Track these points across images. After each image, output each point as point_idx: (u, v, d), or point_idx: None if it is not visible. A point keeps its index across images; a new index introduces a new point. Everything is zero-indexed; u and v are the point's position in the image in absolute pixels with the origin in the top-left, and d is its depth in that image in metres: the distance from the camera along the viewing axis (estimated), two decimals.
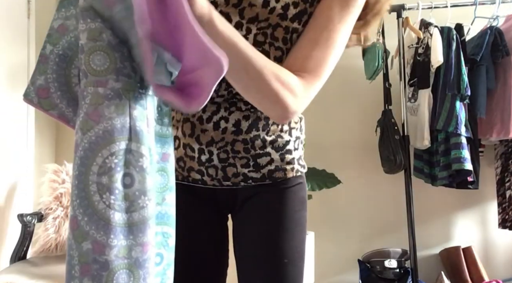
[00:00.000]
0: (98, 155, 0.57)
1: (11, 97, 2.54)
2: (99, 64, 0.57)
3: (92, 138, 0.57)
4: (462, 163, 2.12)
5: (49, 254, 2.15)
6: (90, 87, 0.58)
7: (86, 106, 0.58)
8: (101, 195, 0.57)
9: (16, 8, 2.60)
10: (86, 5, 0.58)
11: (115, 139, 0.57)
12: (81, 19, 0.58)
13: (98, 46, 0.57)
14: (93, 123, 0.57)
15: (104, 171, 0.57)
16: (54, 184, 2.22)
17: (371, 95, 2.62)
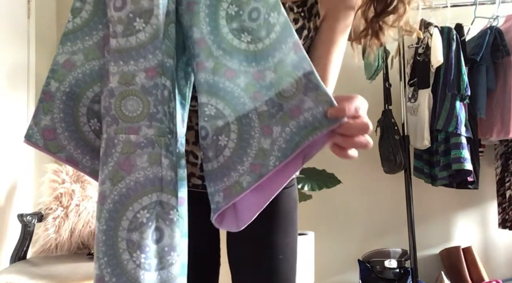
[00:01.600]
0: (129, 209, 0.53)
1: (11, 97, 2.54)
2: (131, 110, 0.54)
3: (123, 190, 0.53)
4: (462, 163, 2.12)
5: (49, 254, 2.15)
6: (121, 134, 0.54)
7: (117, 155, 0.54)
8: (131, 253, 0.53)
9: (16, 8, 2.60)
10: (120, 47, 0.54)
11: (147, 191, 0.54)
12: (112, 62, 0.55)
13: (130, 91, 0.54)
14: (124, 173, 0.53)
15: (135, 226, 0.53)
16: (54, 184, 2.22)
17: (371, 95, 2.61)
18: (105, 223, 0.54)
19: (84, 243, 2.19)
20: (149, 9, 0.54)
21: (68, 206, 2.18)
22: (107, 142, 0.56)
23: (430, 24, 2.28)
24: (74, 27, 0.64)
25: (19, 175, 2.58)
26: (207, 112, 0.56)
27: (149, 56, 0.54)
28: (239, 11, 0.57)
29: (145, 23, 0.54)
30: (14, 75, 2.58)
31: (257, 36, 0.56)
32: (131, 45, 0.54)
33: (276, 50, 0.55)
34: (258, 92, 0.55)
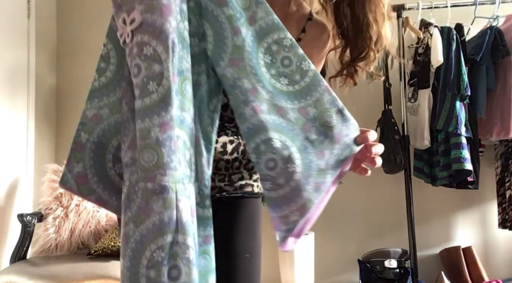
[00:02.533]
0: (147, 249, 0.60)
1: (11, 98, 2.54)
2: (147, 161, 0.62)
3: (144, 232, 0.61)
4: (462, 163, 2.12)
5: (49, 254, 2.15)
6: (141, 182, 0.62)
7: (139, 201, 0.62)
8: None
9: (16, 8, 2.60)
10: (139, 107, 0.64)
11: (162, 233, 0.60)
12: (138, 119, 0.64)
13: (146, 144, 0.62)
14: (144, 217, 0.61)
15: (152, 264, 0.60)
16: (54, 184, 2.22)
17: (371, 95, 2.61)
18: (129, 261, 0.61)
19: (84, 243, 2.19)
20: (160, 73, 0.63)
21: (68, 206, 2.18)
22: (129, 188, 0.64)
23: (430, 24, 2.28)
24: (100, 85, 0.73)
25: (19, 175, 2.58)
26: (274, 146, 0.67)
27: (162, 112, 0.62)
28: (272, 60, 0.71)
29: (157, 85, 0.63)
30: (14, 75, 2.58)
31: (292, 79, 0.71)
32: (146, 105, 0.63)
33: (313, 91, 0.71)
34: (306, 124, 0.70)
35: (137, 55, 0.64)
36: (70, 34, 3.00)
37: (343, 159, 0.71)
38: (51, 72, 2.96)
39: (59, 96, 2.99)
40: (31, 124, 2.67)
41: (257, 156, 0.68)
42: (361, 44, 0.93)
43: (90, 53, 2.95)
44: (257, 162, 0.68)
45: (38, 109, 2.75)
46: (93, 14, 2.98)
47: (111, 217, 2.23)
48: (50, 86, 2.94)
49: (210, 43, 0.69)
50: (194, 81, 0.68)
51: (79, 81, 2.97)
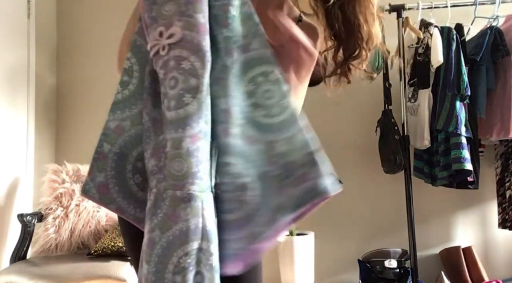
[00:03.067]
0: (174, 255, 0.63)
1: (11, 98, 2.54)
2: (177, 170, 0.65)
3: (170, 238, 0.63)
4: (462, 163, 2.12)
5: (49, 254, 2.15)
6: (169, 190, 0.65)
7: (166, 208, 0.65)
8: None
9: (16, 8, 2.60)
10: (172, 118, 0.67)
11: (189, 240, 0.63)
12: (167, 131, 0.67)
13: (177, 154, 0.65)
14: (171, 223, 0.64)
15: (179, 270, 0.63)
16: (54, 184, 2.22)
17: (371, 95, 2.61)
18: (155, 266, 0.64)
19: (84, 243, 2.19)
20: (196, 87, 0.67)
21: (68, 206, 2.18)
22: (157, 195, 0.67)
23: (430, 24, 2.28)
24: (123, 98, 0.77)
25: (19, 175, 2.58)
26: (231, 171, 0.68)
27: (194, 124, 0.66)
28: (255, 89, 0.72)
29: (192, 98, 0.67)
30: (14, 75, 2.58)
31: (270, 112, 0.71)
32: (180, 116, 0.66)
33: (287, 128, 0.71)
34: (272, 159, 0.70)
35: (174, 68, 0.67)
36: (70, 34, 3.00)
37: (305, 202, 0.70)
38: (51, 72, 2.96)
39: (59, 96, 2.99)
40: (31, 124, 2.67)
41: (218, 177, 0.69)
42: (353, 44, 0.96)
43: (90, 53, 2.96)
44: (218, 182, 0.70)
45: (38, 109, 2.75)
46: (93, 14, 2.98)
47: (111, 217, 2.23)
48: (50, 86, 2.94)
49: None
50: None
51: (79, 81, 2.97)
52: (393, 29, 2.37)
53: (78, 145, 2.91)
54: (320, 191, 0.70)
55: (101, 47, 2.93)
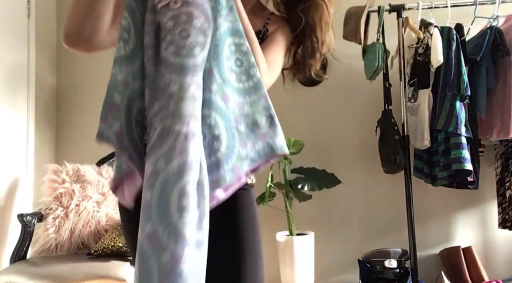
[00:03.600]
0: (179, 181, 0.71)
1: (11, 98, 2.54)
2: (185, 109, 0.73)
3: (175, 167, 0.71)
4: (462, 163, 2.12)
5: (49, 254, 2.15)
6: (176, 125, 0.73)
7: (171, 141, 0.72)
8: (181, 214, 0.70)
9: (16, 8, 2.60)
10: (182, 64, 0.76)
11: (192, 169, 0.72)
12: (175, 74, 0.75)
13: (185, 96, 0.74)
14: (176, 154, 0.71)
15: (183, 195, 0.70)
16: (54, 184, 2.22)
17: (371, 95, 2.62)
18: (159, 192, 0.70)
19: (84, 243, 2.18)
20: (203, 43, 0.78)
21: (68, 206, 2.18)
22: (162, 131, 0.74)
23: (430, 24, 2.28)
24: (125, 54, 0.83)
25: (19, 175, 2.58)
26: (208, 122, 0.79)
27: (200, 73, 0.77)
28: (230, 55, 0.84)
29: (200, 51, 0.77)
30: (14, 75, 2.58)
31: (239, 78, 0.84)
32: (189, 64, 0.76)
33: (252, 93, 0.84)
34: (239, 117, 0.83)
35: (187, 22, 0.78)
36: None
37: (262, 156, 0.84)
38: (51, 72, 2.96)
39: (59, 96, 2.99)
40: (31, 124, 2.67)
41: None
42: (311, 45, 1.12)
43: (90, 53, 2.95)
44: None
45: (38, 109, 2.75)
46: None
47: (111, 217, 2.23)
48: (50, 86, 2.94)
49: None
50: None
51: (79, 81, 2.97)
52: (393, 29, 2.37)
53: (78, 145, 2.91)
54: (276, 149, 0.85)
55: None
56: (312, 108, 2.74)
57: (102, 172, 2.32)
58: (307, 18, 1.10)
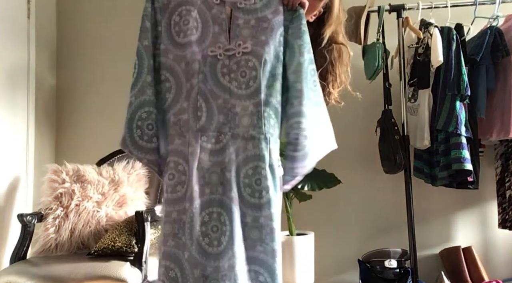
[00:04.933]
0: (246, 167, 1.12)
1: (11, 98, 2.54)
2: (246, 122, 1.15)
3: (241, 159, 1.13)
4: (462, 163, 2.12)
5: (49, 254, 2.14)
6: (240, 132, 1.14)
7: (237, 143, 1.14)
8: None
9: (16, 8, 2.60)
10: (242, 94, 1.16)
11: (254, 160, 1.13)
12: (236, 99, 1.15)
13: (246, 113, 1.15)
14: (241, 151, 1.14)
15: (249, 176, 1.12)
16: (54, 184, 2.22)
17: (371, 95, 2.61)
18: (235, 173, 1.12)
19: (84, 243, 2.18)
20: (255, 76, 1.14)
21: (68, 206, 2.18)
22: (230, 137, 1.13)
23: (430, 24, 2.28)
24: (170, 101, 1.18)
25: (19, 175, 2.58)
26: (301, 126, 1.16)
27: (256, 98, 1.13)
28: (310, 78, 1.21)
29: (253, 82, 1.13)
30: (14, 75, 2.58)
31: (316, 95, 1.23)
32: (247, 93, 1.13)
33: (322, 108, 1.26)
34: (317, 122, 1.23)
35: (244, 66, 1.13)
36: (70, 34, 3.00)
37: (323, 151, 1.25)
38: (51, 72, 2.96)
39: (59, 96, 2.99)
40: (31, 124, 2.67)
41: (290, 129, 1.17)
42: (332, 79, 1.45)
43: (90, 53, 2.96)
44: (288, 132, 1.17)
45: (38, 109, 2.75)
46: (93, 14, 2.98)
47: (111, 217, 2.23)
48: (50, 86, 2.94)
49: (285, 58, 1.19)
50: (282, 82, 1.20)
51: (79, 81, 2.97)
52: (393, 29, 2.37)
53: (78, 145, 2.91)
54: (332, 146, 1.25)
55: (101, 47, 2.93)
56: None
57: (102, 172, 2.32)
58: (330, 57, 1.39)
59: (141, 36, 1.15)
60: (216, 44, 1.12)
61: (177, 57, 1.15)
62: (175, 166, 1.13)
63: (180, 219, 1.09)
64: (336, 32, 1.37)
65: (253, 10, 1.15)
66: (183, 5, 1.15)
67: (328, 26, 1.34)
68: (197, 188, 1.08)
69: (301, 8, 1.19)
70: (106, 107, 2.88)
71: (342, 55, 1.40)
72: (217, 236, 1.06)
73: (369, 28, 2.40)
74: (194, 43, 1.13)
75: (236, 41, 1.12)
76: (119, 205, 2.26)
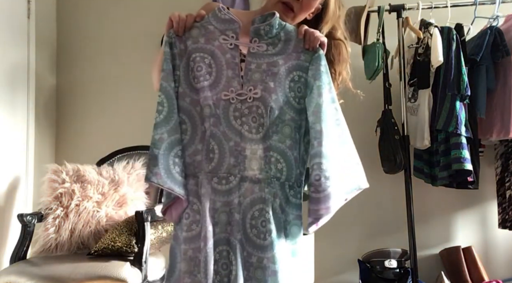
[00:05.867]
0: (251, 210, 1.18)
1: (11, 97, 2.54)
2: (253, 165, 1.17)
3: (248, 201, 1.17)
4: (462, 163, 2.12)
5: (49, 254, 2.15)
6: (248, 175, 1.17)
7: (245, 185, 1.18)
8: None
9: (16, 8, 2.60)
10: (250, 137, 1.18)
11: (258, 203, 1.18)
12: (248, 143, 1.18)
13: (254, 157, 1.18)
14: (249, 194, 1.18)
15: (255, 218, 1.17)
16: (54, 184, 2.22)
17: (371, 95, 2.61)
18: (242, 215, 1.16)
19: (84, 243, 2.18)
20: (262, 123, 1.17)
21: (68, 206, 2.18)
22: (239, 179, 1.16)
23: (430, 24, 2.28)
24: (160, 120, 1.13)
25: (19, 175, 2.58)
26: (322, 167, 1.12)
27: (263, 143, 1.17)
28: (334, 116, 1.23)
29: (262, 129, 1.16)
30: (14, 75, 2.58)
31: (339, 135, 1.26)
32: (257, 138, 1.16)
33: (347, 144, 1.27)
34: (344, 164, 1.21)
35: (254, 112, 1.15)
36: (70, 34, 3.00)
37: (351, 192, 1.27)
38: (51, 72, 2.96)
39: (59, 96, 2.99)
40: (31, 124, 2.67)
41: (312, 170, 1.14)
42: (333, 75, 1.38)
43: (90, 53, 2.96)
44: (310, 173, 1.15)
45: (38, 109, 2.75)
46: (93, 14, 2.98)
47: (111, 217, 2.23)
48: (50, 86, 2.94)
49: (305, 100, 1.19)
50: (299, 125, 1.20)
51: (79, 81, 2.97)
52: (393, 29, 2.37)
53: (78, 145, 2.92)
54: (361, 186, 1.26)
55: (101, 47, 2.93)
56: None
57: (102, 172, 2.32)
58: (329, 54, 1.33)
59: (167, 77, 1.15)
60: (229, 88, 1.15)
61: (193, 101, 1.17)
62: (190, 205, 1.16)
63: (196, 257, 1.14)
64: (334, 28, 1.35)
65: (265, 55, 1.18)
66: (197, 52, 1.17)
67: (324, 23, 1.33)
68: (210, 228, 1.12)
69: (321, 49, 1.21)
70: (106, 107, 2.89)
71: (341, 51, 1.39)
72: (226, 273, 1.13)
73: (369, 28, 2.40)
74: (207, 88, 1.15)
75: (248, 86, 1.15)
76: (119, 205, 2.26)
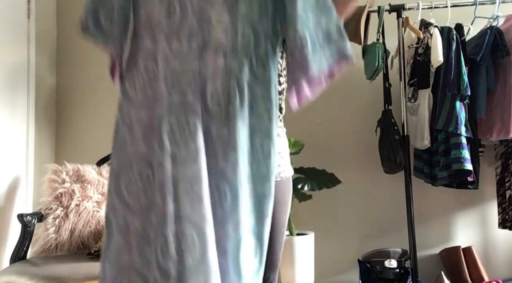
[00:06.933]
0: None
1: (11, 97, 2.54)
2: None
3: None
4: (462, 163, 2.12)
5: (49, 254, 2.14)
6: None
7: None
8: None
9: (16, 8, 2.60)
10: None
11: None
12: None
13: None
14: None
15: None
16: (54, 184, 2.22)
17: (371, 95, 2.61)
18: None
19: (84, 243, 2.18)
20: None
21: (68, 206, 2.18)
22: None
23: (430, 24, 2.28)
24: None
25: (19, 175, 2.58)
26: (298, 36, 1.04)
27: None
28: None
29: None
30: (14, 75, 2.58)
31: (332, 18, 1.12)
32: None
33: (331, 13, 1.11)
34: (319, 29, 1.09)
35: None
36: (70, 34, 3.00)
37: (336, 57, 1.08)
38: (51, 72, 2.96)
39: (59, 96, 2.99)
40: (31, 124, 2.67)
41: (290, 40, 1.06)
42: None
43: (90, 53, 2.95)
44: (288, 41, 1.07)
45: (38, 109, 2.75)
46: None
47: None
48: (50, 86, 2.94)
49: None
50: None
51: (79, 81, 2.97)
52: (393, 29, 2.37)
53: (78, 145, 2.92)
54: (347, 54, 1.08)
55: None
56: (312, 109, 2.74)
57: (102, 172, 2.32)
58: None
59: None
60: None
61: None
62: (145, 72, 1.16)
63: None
64: None
65: None
66: None
67: None
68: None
69: None
70: (106, 107, 2.88)
71: None
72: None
73: (369, 28, 2.40)
74: None
75: None
76: None
